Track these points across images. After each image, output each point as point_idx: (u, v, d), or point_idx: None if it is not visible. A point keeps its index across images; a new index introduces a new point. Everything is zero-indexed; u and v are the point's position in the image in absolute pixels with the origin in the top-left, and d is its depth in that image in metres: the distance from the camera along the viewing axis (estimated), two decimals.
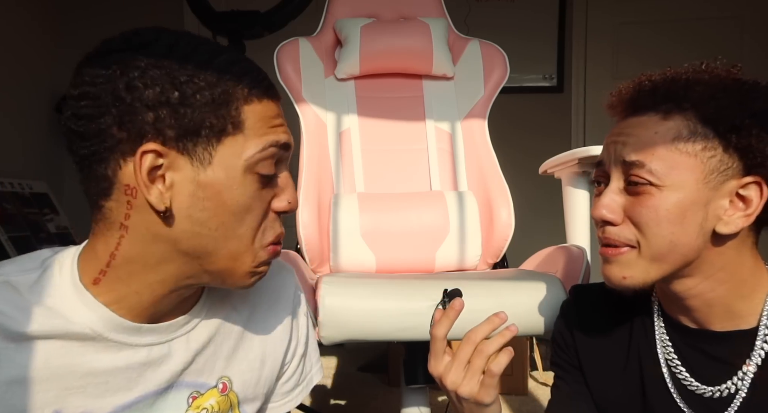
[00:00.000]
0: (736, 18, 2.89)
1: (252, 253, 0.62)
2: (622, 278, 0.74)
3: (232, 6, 2.16)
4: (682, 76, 0.75)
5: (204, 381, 0.68)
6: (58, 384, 0.58)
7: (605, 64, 3.03)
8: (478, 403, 0.77)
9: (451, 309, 0.81)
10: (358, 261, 1.47)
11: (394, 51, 1.68)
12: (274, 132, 0.62)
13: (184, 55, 0.58)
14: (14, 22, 2.62)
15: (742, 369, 0.72)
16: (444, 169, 1.65)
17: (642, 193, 0.71)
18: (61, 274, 0.60)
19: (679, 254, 0.71)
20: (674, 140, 0.71)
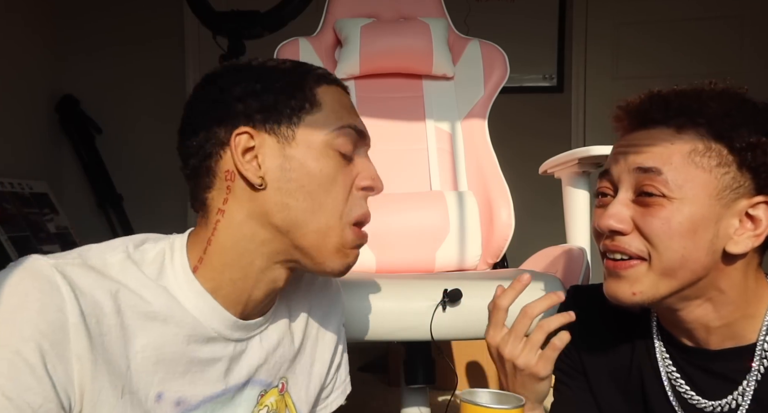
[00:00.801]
0: (736, 18, 2.89)
1: (339, 229, 0.66)
2: (631, 295, 0.72)
3: (232, 6, 2.16)
4: (694, 92, 0.74)
5: (270, 381, 0.73)
6: (166, 367, 0.61)
7: (605, 64, 3.03)
8: (534, 375, 0.78)
9: (518, 281, 0.81)
10: (358, 261, 1.46)
11: (394, 51, 1.68)
12: (351, 117, 0.69)
13: (261, 63, 0.70)
14: (15, 22, 2.62)
15: (742, 384, 0.72)
16: (444, 169, 1.65)
17: (653, 204, 0.70)
18: (173, 259, 0.65)
19: (689, 269, 0.70)
20: (690, 153, 0.70)
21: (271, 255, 0.66)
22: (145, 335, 0.59)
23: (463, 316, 1.10)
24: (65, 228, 2.64)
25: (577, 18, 3.04)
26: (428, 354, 1.26)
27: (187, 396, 0.64)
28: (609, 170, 0.76)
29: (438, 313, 1.08)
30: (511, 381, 0.82)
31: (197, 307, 0.64)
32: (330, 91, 0.69)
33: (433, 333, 1.07)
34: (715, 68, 2.79)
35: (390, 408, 1.92)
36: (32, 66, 2.74)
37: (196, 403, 0.65)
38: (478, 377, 2.17)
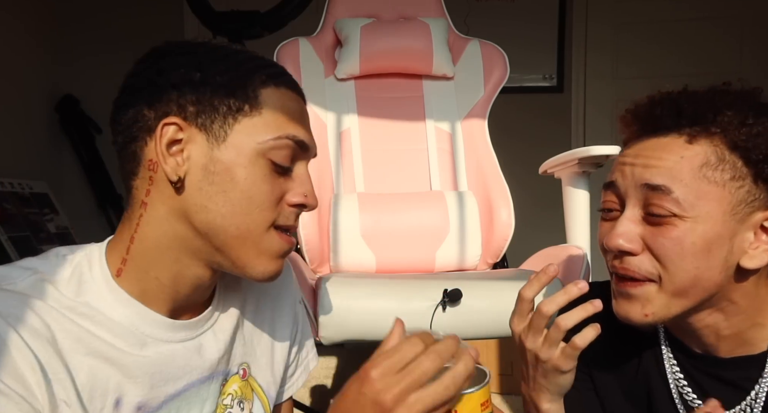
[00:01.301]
0: (736, 18, 2.89)
1: (260, 236, 0.63)
2: (644, 316, 0.69)
3: (232, 6, 2.16)
4: (707, 96, 0.69)
5: (229, 369, 0.72)
6: (115, 373, 0.60)
7: (605, 64, 3.03)
8: (556, 368, 0.74)
9: (543, 273, 0.74)
10: (358, 261, 1.47)
11: (394, 51, 1.68)
12: (293, 126, 0.64)
13: (212, 48, 0.64)
14: (15, 23, 2.61)
15: (751, 394, 0.71)
16: (444, 169, 1.65)
17: (664, 223, 0.66)
18: (92, 271, 0.62)
19: (702, 288, 0.67)
20: (702, 167, 0.65)
21: (194, 253, 0.63)
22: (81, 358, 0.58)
23: (463, 316, 1.10)
24: (65, 228, 2.64)
25: (576, 18, 3.03)
26: None
27: (149, 399, 0.62)
28: (614, 182, 0.71)
29: (438, 313, 1.08)
30: (532, 370, 0.77)
31: (125, 316, 0.61)
32: (277, 95, 0.64)
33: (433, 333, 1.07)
34: (714, 69, 2.79)
35: None
36: (32, 66, 2.74)
37: (158, 404, 0.63)
38: None
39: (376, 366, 0.57)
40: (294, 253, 1.38)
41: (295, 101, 0.66)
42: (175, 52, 0.63)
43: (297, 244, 1.50)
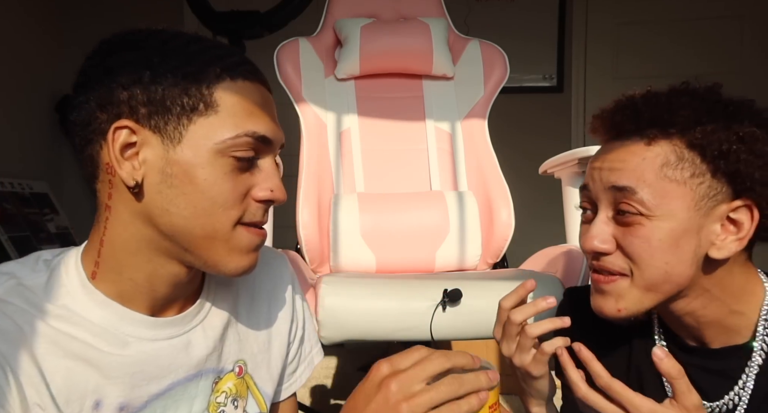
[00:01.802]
0: (736, 18, 2.89)
1: (228, 232, 0.61)
2: (617, 311, 0.73)
3: (232, 6, 2.16)
4: (664, 98, 0.73)
5: (223, 366, 0.70)
6: (94, 375, 0.59)
7: (605, 64, 3.03)
8: (527, 374, 0.79)
9: (522, 287, 0.80)
10: (358, 261, 1.47)
11: (394, 51, 1.68)
12: (252, 121, 0.60)
13: (163, 41, 0.60)
14: (16, 22, 2.62)
15: (738, 383, 0.72)
16: (444, 169, 1.65)
17: (632, 223, 0.70)
18: (68, 274, 0.62)
19: (672, 283, 0.70)
20: (662, 167, 0.69)
21: (165, 253, 0.62)
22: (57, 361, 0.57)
23: (463, 316, 1.10)
24: (65, 228, 2.64)
25: (577, 17, 3.04)
26: None
27: (131, 399, 0.61)
28: (587, 185, 0.75)
29: (438, 313, 1.08)
30: (515, 375, 0.83)
31: (103, 317, 0.60)
32: (234, 89, 0.60)
33: (433, 333, 1.07)
34: (715, 68, 2.79)
35: None
36: (32, 66, 2.74)
37: (141, 404, 0.62)
38: None
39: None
40: (294, 253, 1.39)
41: (255, 92, 0.62)
42: (123, 48, 0.60)
43: (297, 244, 1.50)
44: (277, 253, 0.84)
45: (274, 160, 0.64)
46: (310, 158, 1.58)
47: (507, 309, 0.80)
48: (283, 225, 1.57)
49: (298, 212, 1.50)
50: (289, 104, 1.63)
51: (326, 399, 2.10)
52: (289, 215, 1.51)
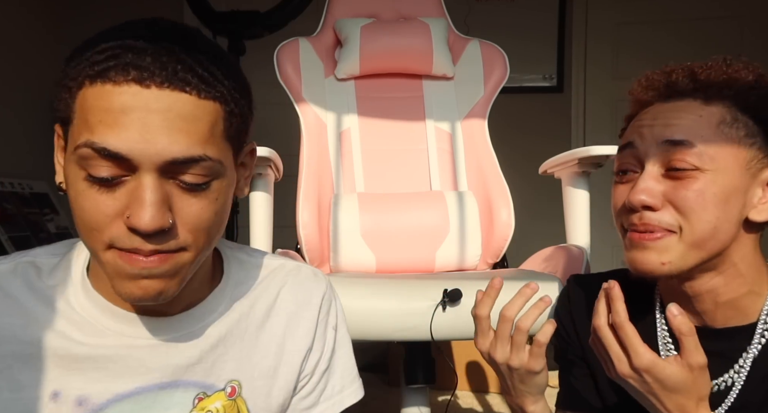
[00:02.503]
0: (736, 18, 2.88)
1: (101, 257, 0.55)
2: (660, 265, 0.71)
3: (232, 6, 2.16)
4: (720, 62, 0.75)
5: (212, 383, 0.66)
6: (58, 363, 0.59)
7: (605, 64, 3.02)
8: (529, 371, 0.80)
9: (491, 288, 0.81)
10: (358, 261, 1.47)
11: (394, 51, 1.68)
12: (101, 130, 0.51)
13: (81, 45, 0.56)
14: (16, 22, 2.62)
15: (738, 363, 0.73)
16: (444, 169, 1.65)
17: (686, 177, 0.70)
18: (77, 260, 0.63)
19: (718, 240, 0.70)
20: (719, 125, 0.70)
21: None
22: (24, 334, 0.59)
23: (463, 316, 1.10)
24: (65, 228, 2.64)
25: (577, 17, 3.03)
26: (428, 354, 1.27)
27: (92, 393, 0.60)
28: (632, 142, 0.74)
29: (438, 313, 1.08)
30: (509, 379, 0.83)
31: (86, 308, 0.61)
32: (94, 94, 0.52)
33: (433, 333, 1.07)
34: None
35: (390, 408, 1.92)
36: (33, 66, 2.74)
37: (103, 402, 0.60)
38: (478, 377, 2.17)
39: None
40: (294, 253, 1.39)
41: (121, 94, 0.51)
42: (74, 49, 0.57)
43: (297, 244, 1.50)
44: (316, 275, 0.77)
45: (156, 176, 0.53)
46: (310, 158, 1.58)
47: (486, 317, 0.81)
48: (283, 225, 1.57)
49: (298, 212, 1.50)
50: (290, 104, 1.63)
51: None
52: (289, 215, 1.51)
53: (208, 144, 0.54)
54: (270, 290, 0.72)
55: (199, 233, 0.56)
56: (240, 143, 0.60)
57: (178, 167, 0.53)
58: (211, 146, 0.54)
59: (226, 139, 0.57)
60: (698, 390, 0.67)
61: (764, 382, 0.71)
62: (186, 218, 0.55)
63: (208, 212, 0.56)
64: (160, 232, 0.53)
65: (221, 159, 0.56)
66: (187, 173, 0.54)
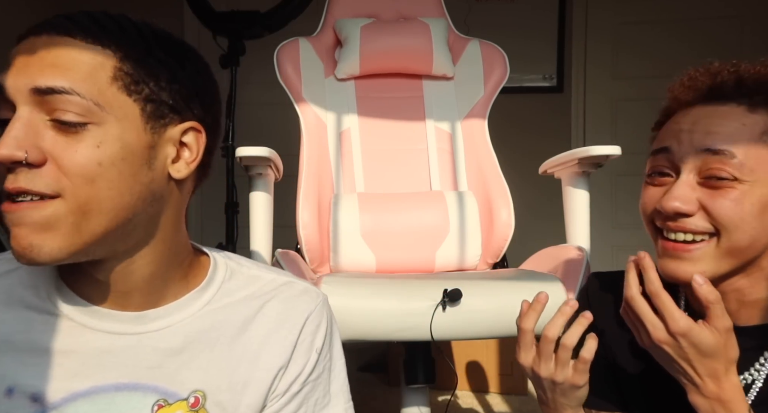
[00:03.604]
0: (736, 18, 2.88)
1: None
2: (695, 273, 0.69)
3: (232, 6, 2.16)
4: (764, 68, 0.72)
5: (174, 391, 0.63)
6: (14, 356, 0.58)
7: (605, 64, 3.02)
8: (573, 386, 0.78)
9: (537, 302, 0.79)
10: (358, 261, 1.47)
11: (394, 51, 1.68)
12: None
13: None
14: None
15: (759, 361, 0.72)
16: (444, 169, 1.65)
17: (723, 187, 0.68)
18: None
19: (754, 249, 0.69)
20: (762, 134, 0.68)
21: None
22: None
23: (463, 316, 1.10)
24: None
25: (577, 17, 3.03)
26: (428, 353, 1.27)
27: (47, 391, 0.58)
28: (669, 147, 0.72)
29: (438, 313, 1.08)
30: (550, 392, 0.80)
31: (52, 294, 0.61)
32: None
33: (433, 333, 1.07)
34: None
35: (390, 408, 1.92)
36: None
37: (58, 400, 0.59)
38: (478, 377, 2.17)
39: None
40: (294, 253, 1.39)
41: (21, 46, 0.57)
42: None
43: (297, 244, 1.50)
44: (307, 292, 0.74)
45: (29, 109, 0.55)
46: (310, 158, 1.58)
47: (531, 330, 0.78)
48: (283, 225, 1.56)
49: (298, 212, 1.50)
50: (290, 104, 1.63)
51: None
52: (289, 215, 1.51)
53: (84, 83, 0.55)
54: (253, 303, 0.69)
55: (77, 179, 0.55)
56: (158, 108, 0.60)
57: (46, 100, 0.54)
58: (87, 86, 0.55)
59: (125, 93, 0.57)
60: (728, 354, 0.67)
61: None
62: (60, 159, 0.54)
63: (86, 156, 0.55)
64: (24, 167, 0.54)
65: (101, 103, 0.55)
66: (57, 108, 0.55)
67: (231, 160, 2.03)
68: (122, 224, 0.58)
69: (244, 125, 2.18)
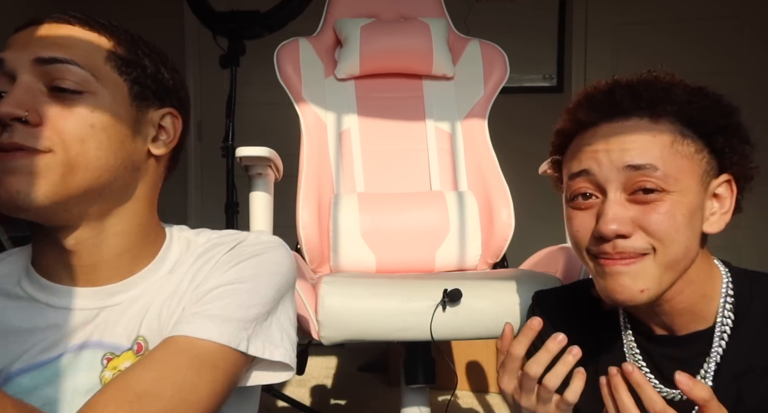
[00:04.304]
0: (736, 18, 2.88)
1: None
2: (639, 292, 0.70)
3: (232, 6, 2.16)
4: (654, 81, 0.74)
5: (117, 343, 0.65)
6: None
7: (605, 64, 3.02)
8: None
9: (529, 329, 0.76)
10: (358, 261, 1.47)
11: (394, 51, 1.68)
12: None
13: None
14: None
15: (703, 367, 0.73)
16: (444, 169, 1.65)
17: (654, 200, 0.69)
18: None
19: (689, 259, 0.71)
20: (672, 143, 0.70)
21: None
22: None
23: (463, 316, 1.10)
24: None
25: (577, 18, 3.03)
26: (428, 353, 1.27)
27: (6, 367, 0.62)
28: (588, 169, 0.72)
29: (438, 313, 1.08)
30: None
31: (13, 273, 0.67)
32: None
33: (433, 333, 1.08)
34: (715, 68, 2.79)
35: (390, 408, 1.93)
36: None
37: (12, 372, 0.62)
38: (478, 377, 2.17)
39: None
40: (294, 253, 1.39)
41: (25, 31, 0.65)
42: None
43: (297, 244, 1.50)
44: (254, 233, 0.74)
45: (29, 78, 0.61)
46: (310, 158, 1.58)
47: (520, 357, 0.76)
48: (283, 225, 1.56)
49: (298, 212, 1.50)
50: (290, 104, 1.63)
51: (326, 399, 2.10)
52: (289, 215, 1.51)
53: (83, 58, 0.62)
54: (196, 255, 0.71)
55: (70, 137, 0.60)
56: (143, 91, 0.67)
57: (47, 69, 0.61)
58: (86, 60, 0.62)
59: (117, 72, 0.65)
60: None
61: (735, 382, 0.72)
62: (54, 120, 0.60)
63: (80, 119, 0.61)
64: (21, 123, 0.58)
65: (96, 76, 0.63)
66: (57, 77, 0.61)
67: (231, 160, 2.02)
68: (103, 185, 0.63)
69: (244, 125, 2.18)
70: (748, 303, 0.73)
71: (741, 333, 0.72)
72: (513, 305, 1.09)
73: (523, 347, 0.76)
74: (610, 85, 0.76)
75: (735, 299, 0.74)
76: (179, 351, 0.60)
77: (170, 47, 2.77)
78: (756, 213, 2.24)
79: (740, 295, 0.74)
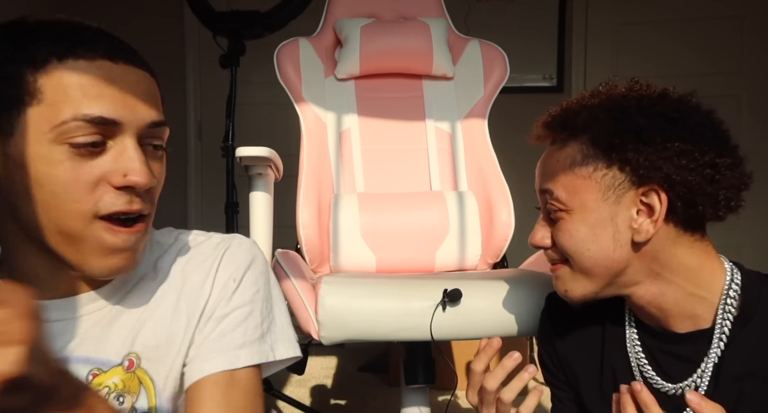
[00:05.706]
0: (736, 18, 2.88)
1: (81, 231, 0.57)
2: (564, 292, 0.81)
3: (232, 6, 2.16)
4: (573, 103, 0.81)
5: (106, 358, 0.63)
6: None
7: (605, 64, 3.02)
8: None
9: (489, 347, 0.85)
10: (358, 261, 1.47)
11: (394, 51, 1.68)
12: (87, 103, 0.55)
13: (10, 23, 0.61)
14: None
15: (701, 367, 0.75)
16: (444, 169, 1.65)
17: (558, 219, 0.79)
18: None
19: (603, 267, 0.76)
20: (571, 166, 0.77)
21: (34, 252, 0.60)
22: None
23: (463, 316, 1.10)
24: None
25: (577, 18, 3.04)
26: (428, 353, 1.27)
27: None
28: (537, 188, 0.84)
29: (438, 313, 1.08)
30: None
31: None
32: (64, 71, 0.56)
33: (433, 333, 1.08)
34: (715, 68, 2.79)
35: (390, 408, 1.93)
36: None
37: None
38: None
39: None
40: (294, 253, 1.39)
41: (94, 70, 0.57)
42: None
43: (297, 244, 1.50)
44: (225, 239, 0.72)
45: (135, 140, 0.58)
46: (310, 158, 1.58)
47: (480, 373, 0.84)
48: (283, 225, 1.57)
49: (298, 212, 1.50)
50: (290, 104, 1.63)
51: (326, 399, 2.10)
52: (289, 215, 1.51)
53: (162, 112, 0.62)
54: (176, 267, 0.69)
55: (155, 198, 0.62)
56: None
57: (152, 131, 0.60)
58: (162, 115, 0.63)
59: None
60: None
61: (736, 383, 0.72)
62: (159, 179, 0.62)
63: (163, 177, 0.63)
64: (148, 190, 0.59)
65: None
66: (155, 137, 0.61)
67: (231, 160, 2.02)
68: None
69: (244, 125, 2.18)
70: (756, 305, 0.74)
71: (745, 335, 0.73)
72: (513, 306, 1.09)
73: (482, 364, 0.84)
74: (555, 110, 0.84)
75: (741, 301, 0.74)
76: (228, 388, 0.64)
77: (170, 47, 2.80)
78: (756, 213, 2.25)
79: (748, 297, 0.74)
